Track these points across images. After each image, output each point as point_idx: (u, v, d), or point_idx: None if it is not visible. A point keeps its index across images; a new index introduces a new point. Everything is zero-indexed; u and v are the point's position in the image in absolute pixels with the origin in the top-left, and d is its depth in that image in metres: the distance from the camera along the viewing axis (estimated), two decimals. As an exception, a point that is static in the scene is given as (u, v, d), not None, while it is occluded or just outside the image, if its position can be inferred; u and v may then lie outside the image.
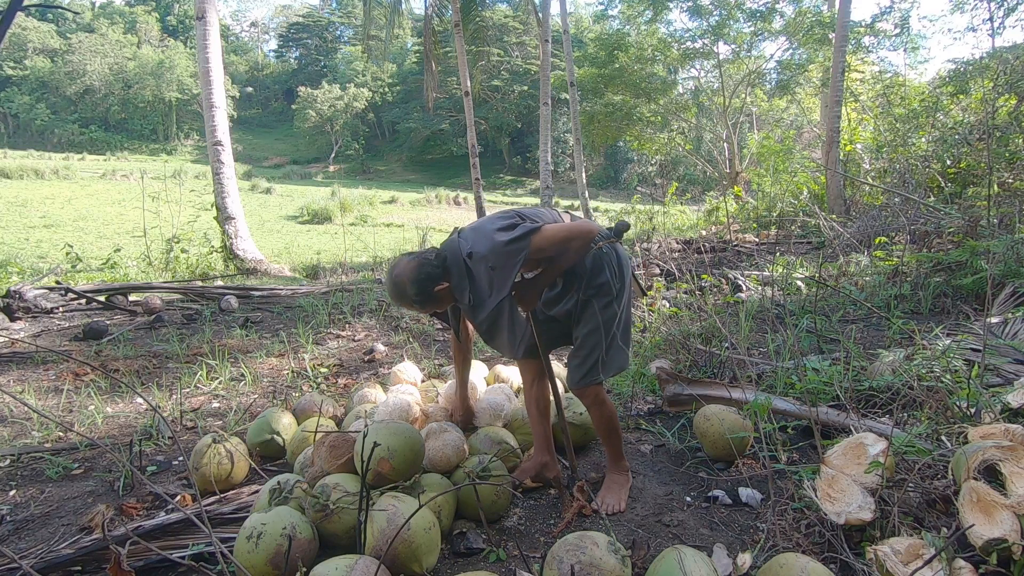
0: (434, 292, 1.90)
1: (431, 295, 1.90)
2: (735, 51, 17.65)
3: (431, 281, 1.89)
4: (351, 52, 54.83)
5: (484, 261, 1.85)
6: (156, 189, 10.91)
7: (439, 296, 1.92)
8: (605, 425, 2.13)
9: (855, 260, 5.40)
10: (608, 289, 2.02)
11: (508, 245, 1.82)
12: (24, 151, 38.06)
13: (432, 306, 1.98)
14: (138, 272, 8.16)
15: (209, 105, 8.89)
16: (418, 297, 1.90)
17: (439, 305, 1.99)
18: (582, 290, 2.02)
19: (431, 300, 1.93)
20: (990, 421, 1.94)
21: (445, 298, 1.96)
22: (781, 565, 1.46)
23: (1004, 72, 7.15)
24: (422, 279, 1.88)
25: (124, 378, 3.58)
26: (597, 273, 2.02)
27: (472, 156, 12.52)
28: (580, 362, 2.05)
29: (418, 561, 1.66)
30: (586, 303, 2.03)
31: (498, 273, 1.84)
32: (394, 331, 4.74)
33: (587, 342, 2.03)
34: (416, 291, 1.89)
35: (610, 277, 2.03)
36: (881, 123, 9.52)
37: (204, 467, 2.16)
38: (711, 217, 11.54)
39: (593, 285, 2.01)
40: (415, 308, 1.97)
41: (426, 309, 1.99)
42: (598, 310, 2.02)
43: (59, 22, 54.61)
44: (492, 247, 1.84)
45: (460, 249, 1.92)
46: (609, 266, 2.04)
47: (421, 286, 1.88)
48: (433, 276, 1.89)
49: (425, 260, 1.91)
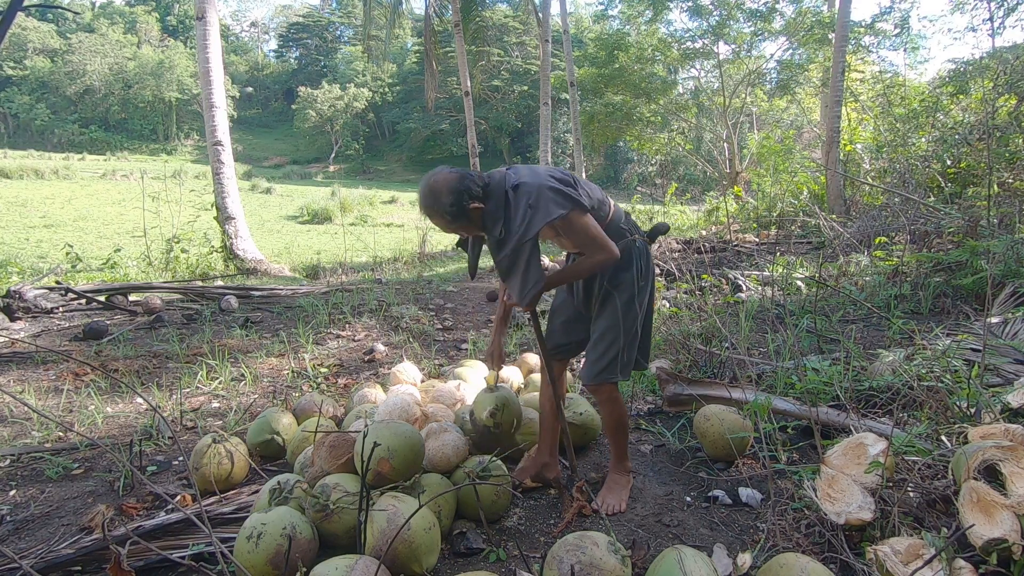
0: (468, 209, 1.86)
1: (464, 211, 1.86)
2: (735, 51, 17.65)
3: (469, 196, 1.86)
4: (351, 52, 54.84)
5: (527, 195, 1.84)
6: (156, 189, 10.92)
7: (470, 215, 1.88)
8: (614, 424, 2.14)
9: (855, 260, 5.40)
10: (631, 286, 2.02)
11: (555, 194, 1.83)
12: (24, 151, 38.05)
13: (460, 224, 1.92)
14: (138, 272, 8.16)
15: (209, 105, 8.89)
16: (451, 208, 1.85)
17: (466, 226, 1.94)
18: (605, 282, 2.02)
19: (462, 216, 1.88)
20: (990, 421, 1.94)
21: (475, 221, 1.91)
22: (781, 565, 1.46)
23: (1004, 72, 7.14)
24: (461, 191, 1.85)
25: (124, 378, 3.58)
26: (625, 267, 2.01)
27: (472, 156, 12.52)
28: (597, 357, 2.04)
29: (418, 561, 1.66)
30: (607, 297, 2.02)
31: (533, 213, 1.83)
32: (394, 331, 4.74)
33: (605, 337, 2.03)
34: (451, 201, 1.85)
35: (636, 275, 2.03)
36: (881, 123, 9.51)
37: (204, 467, 2.16)
38: (711, 217, 11.55)
39: (617, 279, 2.01)
40: (443, 221, 1.91)
41: (453, 226, 1.94)
42: (619, 305, 2.01)
43: (59, 22, 54.61)
44: (540, 186, 1.85)
45: (506, 180, 1.91)
46: (637, 263, 2.04)
47: (458, 197, 1.84)
48: (472, 192, 1.86)
49: (468, 175, 1.88)
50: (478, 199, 1.88)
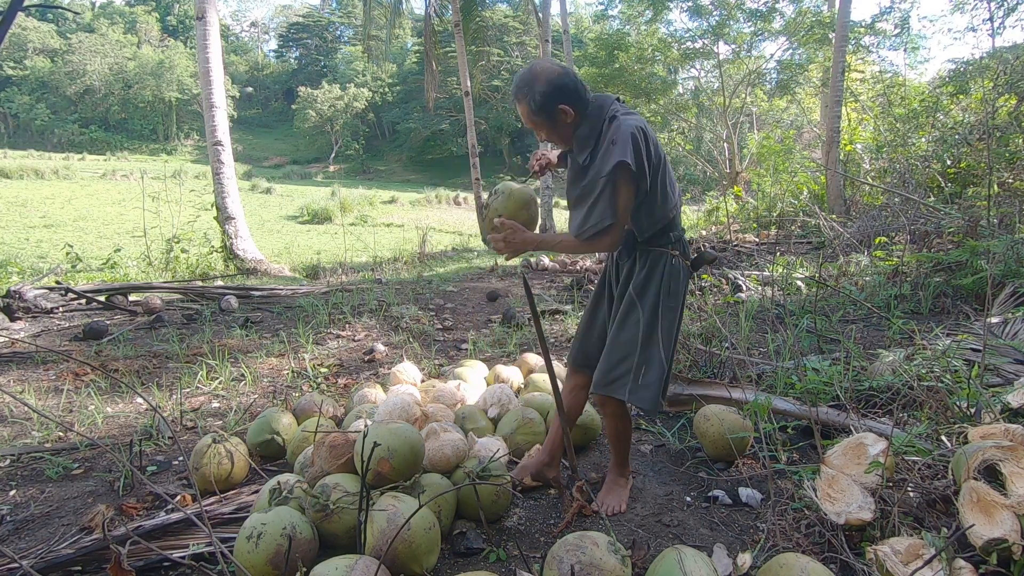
0: (557, 108, 1.77)
1: (551, 109, 1.77)
2: (735, 51, 17.66)
3: (564, 95, 1.76)
4: (351, 52, 54.85)
5: (617, 131, 1.74)
6: (156, 189, 10.93)
7: (556, 117, 1.79)
8: (615, 436, 2.09)
9: (855, 260, 5.40)
10: (656, 299, 1.90)
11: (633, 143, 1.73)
12: (24, 151, 38.05)
13: (541, 120, 1.81)
14: (138, 272, 8.16)
15: (209, 105, 8.89)
16: (540, 99, 1.76)
17: (547, 127, 1.83)
18: (631, 289, 1.93)
19: (546, 112, 1.78)
20: (990, 421, 1.94)
21: (558, 128, 1.82)
22: (781, 565, 1.46)
23: (1004, 72, 7.15)
24: (559, 87, 1.75)
25: (124, 378, 3.58)
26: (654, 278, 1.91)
27: (472, 156, 12.52)
28: (608, 368, 1.93)
29: (418, 561, 1.66)
30: (631, 306, 1.91)
31: (611, 150, 1.74)
32: (394, 331, 4.74)
33: (620, 348, 1.91)
34: (543, 91, 1.75)
35: (663, 291, 1.91)
36: (881, 123, 9.52)
37: (204, 467, 2.16)
38: (711, 217, 11.56)
39: (646, 289, 1.90)
40: (525, 109, 1.80)
41: (534, 119, 1.82)
42: (641, 318, 1.89)
43: (59, 22, 54.62)
44: (629, 126, 1.74)
45: (609, 109, 1.81)
46: (669, 281, 1.92)
47: (553, 91, 1.74)
48: (569, 93, 1.76)
49: (577, 79, 1.78)
50: (572, 106, 1.78)
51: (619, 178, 1.76)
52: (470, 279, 7.57)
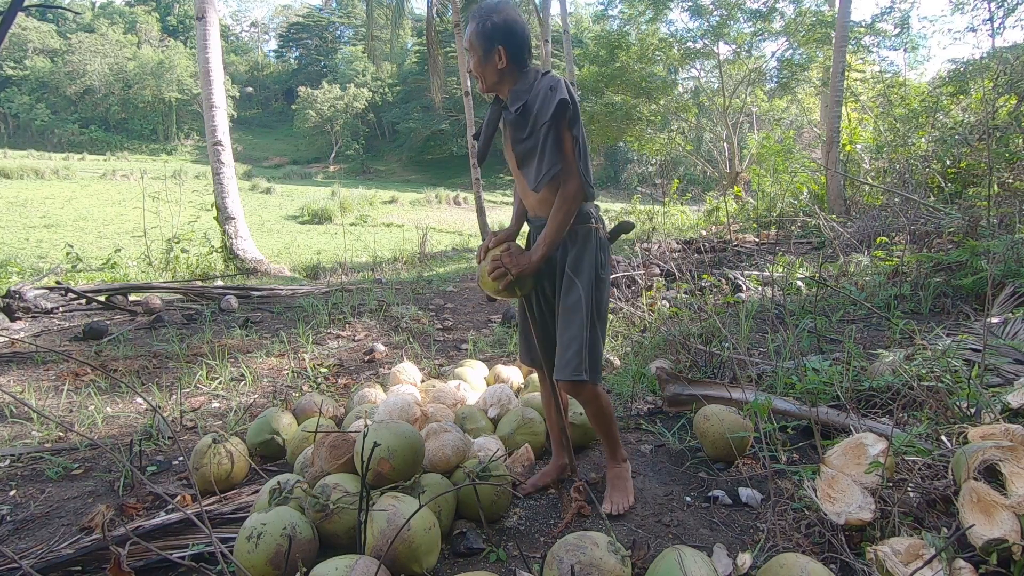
0: (494, 50, 1.85)
1: (493, 42, 1.85)
2: (735, 51, 17.66)
3: (509, 39, 1.85)
4: (351, 52, 54.90)
5: (552, 79, 1.84)
6: (156, 189, 10.93)
7: (492, 53, 1.86)
8: (599, 420, 2.05)
9: (855, 260, 5.40)
10: (591, 271, 1.93)
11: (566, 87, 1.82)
12: (24, 151, 38.07)
13: (480, 47, 1.88)
14: (138, 272, 8.16)
15: (209, 105, 8.89)
16: (491, 27, 1.84)
17: (480, 58, 1.89)
18: (567, 268, 1.95)
19: (488, 43, 1.86)
20: (990, 421, 1.94)
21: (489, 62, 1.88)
22: (781, 565, 1.45)
23: (1004, 72, 7.15)
24: (510, 31, 1.85)
25: (124, 378, 3.58)
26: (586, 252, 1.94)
27: (472, 156, 12.52)
28: (562, 350, 1.92)
29: (418, 561, 1.66)
30: (570, 285, 1.94)
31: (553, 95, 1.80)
32: (394, 331, 4.74)
33: (567, 329, 1.91)
34: (496, 23, 1.84)
35: (596, 263, 1.95)
36: (881, 123, 9.53)
37: (204, 467, 2.16)
38: (711, 217, 11.56)
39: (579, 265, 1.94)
40: (474, 30, 1.89)
41: (473, 43, 1.89)
42: (582, 289, 1.91)
43: (59, 22, 54.62)
44: (561, 79, 1.85)
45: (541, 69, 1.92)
46: (598, 253, 1.96)
47: (504, 27, 1.84)
48: (515, 42, 1.86)
49: (526, 37, 1.89)
50: (509, 54, 1.86)
51: (562, 119, 1.82)
52: (470, 279, 7.57)
